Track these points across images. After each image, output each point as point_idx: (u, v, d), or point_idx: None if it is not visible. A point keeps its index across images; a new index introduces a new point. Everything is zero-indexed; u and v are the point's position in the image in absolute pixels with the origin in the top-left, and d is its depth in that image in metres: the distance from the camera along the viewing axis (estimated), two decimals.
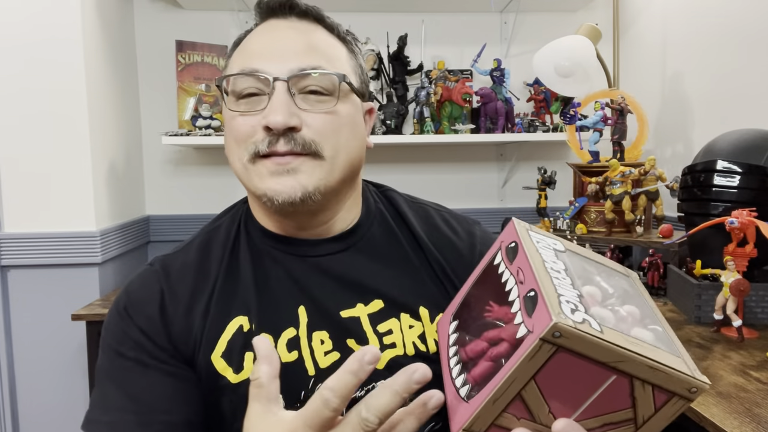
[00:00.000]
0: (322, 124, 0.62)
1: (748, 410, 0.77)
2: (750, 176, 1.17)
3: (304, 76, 0.61)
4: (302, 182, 0.61)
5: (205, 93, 2.00)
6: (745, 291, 1.06)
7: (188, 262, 0.68)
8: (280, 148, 0.60)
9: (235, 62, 0.65)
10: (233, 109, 0.62)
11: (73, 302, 1.64)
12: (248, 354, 0.63)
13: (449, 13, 2.15)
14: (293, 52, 0.62)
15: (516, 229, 0.49)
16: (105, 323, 0.66)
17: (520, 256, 0.44)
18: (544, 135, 1.98)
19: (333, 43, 0.66)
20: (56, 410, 1.71)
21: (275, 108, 0.59)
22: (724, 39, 1.60)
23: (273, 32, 0.64)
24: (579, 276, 0.45)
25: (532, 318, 0.38)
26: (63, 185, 1.64)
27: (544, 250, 0.46)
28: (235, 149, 0.63)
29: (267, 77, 0.60)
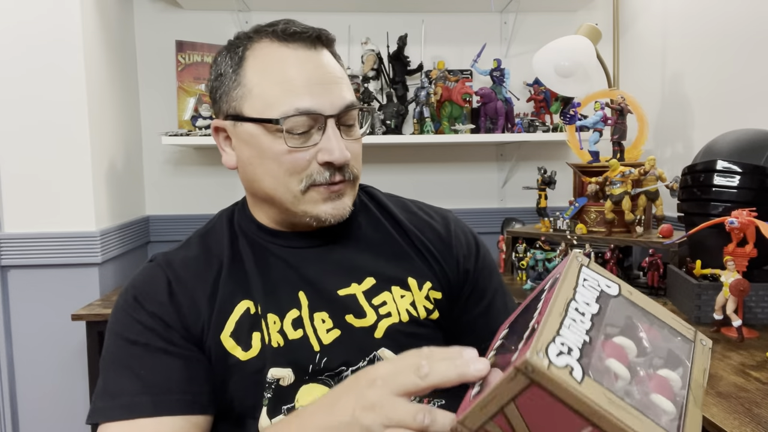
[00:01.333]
0: (356, 152, 0.72)
1: (748, 410, 0.77)
2: (750, 176, 1.17)
3: (347, 112, 0.69)
4: (347, 203, 0.71)
5: (205, 93, 2.00)
6: (745, 291, 1.06)
7: (190, 256, 0.74)
8: (337, 179, 0.69)
9: (272, 92, 0.67)
10: (291, 145, 0.67)
11: (73, 302, 1.64)
12: (255, 334, 0.68)
13: (449, 13, 2.15)
14: (334, 87, 0.68)
15: (567, 262, 0.48)
16: (112, 314, 0.69)
17: (553, 289, 0.45)
18: (544, 135, 1.98)
19: (342, 69, 0.73)
20: (56, 410, 1.71)
21: (336, 146, 0.67)
22: (724, 39, 1.60)
23: (308, 65, 0.68)
24: (614, 325, 0.45)
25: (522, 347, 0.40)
26: (63, 185, 1.64)
27: (587, 289, 0.46)
28: (285, 179, 0.68)
29: (321, 115, 0.67)
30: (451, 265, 0.77)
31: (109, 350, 0.67)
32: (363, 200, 0.82)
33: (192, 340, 0.67)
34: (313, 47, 0.69)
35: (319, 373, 0.68)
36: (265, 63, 0.68)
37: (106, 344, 0.68)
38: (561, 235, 1.66)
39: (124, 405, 0.62)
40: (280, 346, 0.68)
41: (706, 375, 0.47)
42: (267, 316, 0.69)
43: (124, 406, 0.62)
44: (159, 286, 0.69)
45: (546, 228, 1.74)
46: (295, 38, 0.68)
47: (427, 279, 0.75)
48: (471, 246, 0.80)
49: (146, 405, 0.62)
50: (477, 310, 0.78)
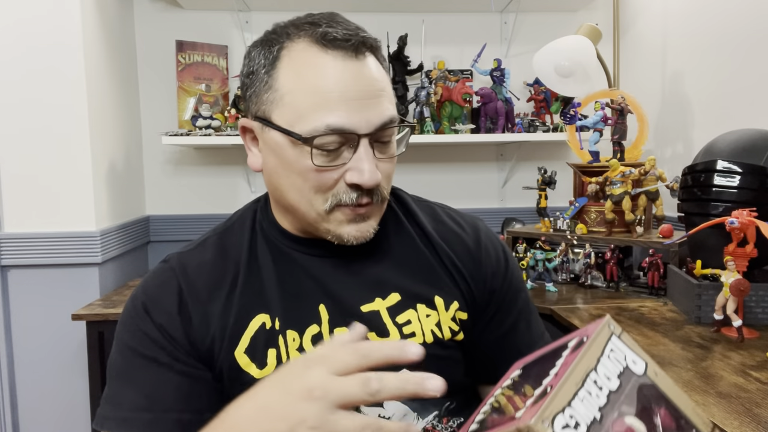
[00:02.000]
0: (388, 171, 0.67)
1: (748, 410, 0.77)
2: (750, 176, 1.17)
3: (383, 129, 0.63)
4: (372, 225, 0.67)
5: (205, 93, 2.01)
6: (745, 291, 1.06)
7: (205, 260, 0.69)
8: (365, 201, 0.64)
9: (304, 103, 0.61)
10: (317, 163, 0.62)
11: (73, 302, 1.64)
12: (271, 350, 0.65)
13: (449, 13, 2.15)
14: (372, 102, 0.62)
15: (597, 329, 0.45)
16: (121, 320, 0.67)
17: (576, 353, 0.42)
18: (544, 135, 1.98)
19: (386, 77, 0.67)
20: (56, 410, 1.71)
21: (367, 168, 0.61)
22: (724, 39, 1.60)
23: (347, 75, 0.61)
24: (630, 404, 0.43)
25: (531, 407, 0.38)
26: (63, 185, 1.64)
27: (611, 362, 0.43)
28: (309, 195, 0.64)
29: (355, 133, 0.61)
30: (479, 284, 0.73)
31: (115, 356, 0.66)
32: (392, 206, 0.77)
33: (197, 356, 0.65)
34: (355, 56, 0.62)
35: None
36: (299, 68, 0.62)
37: (113, 348, 0.67)
38: (561, 235, 1.66)
39: (124, 418, 0.62)
40: None
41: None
42: (287, 332, 0.66)
43: (124, 420, 0.62)
44: (169, 295, 0.66)
45: (546, 228, 1.74)
46: (336, 45, 0.61)
47: (454, 298, 0.71)
48: (500, 262, 0.76)
49: (143, 421, 0.61)
50: (498, 332, 0.74)
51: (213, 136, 1.86)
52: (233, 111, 1.95)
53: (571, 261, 1.63)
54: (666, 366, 0.95)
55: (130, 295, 0.69)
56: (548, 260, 1.63)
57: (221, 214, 2.06)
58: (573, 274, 1.64)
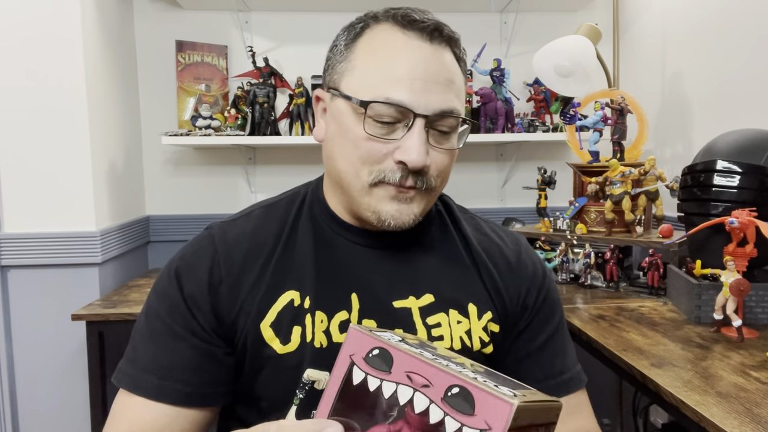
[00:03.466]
0: (443, 163, 0.67)
1: (748, 410, 0.77)
2: (750, 176, 1.17)
3: (442, 116, 0.63)
4: (415, 211, 0.66)
5: (205, 93, 2.01)
6: (745, 291, 1.06)
7: (245, 231, 0.70)
8: (409, 183, 0.64)
9: (371, 74, 0.64)
10: (369, 131, 0.63)
11: (73, 302, 1.64)
12: (296, 328, 0.65)
13: (449, 13, 2.15)
14: (435, 86, 0.63)
15: (367, 334, 0.44)
16: (155, 282, 0.70)
17: (401, 358, 0.41)
18: (544, 135, 1.98)
19: (459, 74, 0.68)
20: (56, 410, 1.71)
21: (416, 147, 0.62)
22: (724, 39, 1.60)
23: (417, 56, 0.63)
24: (447, 360, 0.43)
25: (476, 414, 0.35)
26: (63, 185, 1.64)
27: (403, 344, 0.43)
28: (357, 165, 0.64)
29: (411, 111, 0.62)
30: (513, 298, 0.73)
31: (141, 314, 0.69)
32: (439, 209, 0.78)
33: (218, 329, 0.66)
34: (429, 40, 0.64)
35: None
36: (376, 44, 0.65)
37: (144, 304, 0.70)
38: (561, 235, 1.66)
39: (133, 376, 0.65)
40: (322, 347, 0.65)
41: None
42: (315, 312, 0.66)
43: (132, 377, 0.65)
44: (203, 263, 0.67)
45: (546, 228, 1.74)
46: (414, 26, 0.64)
47: (488, 308, 0.71)
48: (537, 278, 0.75)
49: (148, 385, 0.63)
50: (524, 351, 0.73)
51: (213, 136, 1.86)
52: (233, 111, 1.95)
53: (570, 261, 1.63)
54: (666, 366, 0.95)
55: (171, 258, 0.71)
56: (548, 260, 1.63)
57: (221, 214, 2.06)
58: (573, 274, 1.64)
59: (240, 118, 1.95)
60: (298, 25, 2.08)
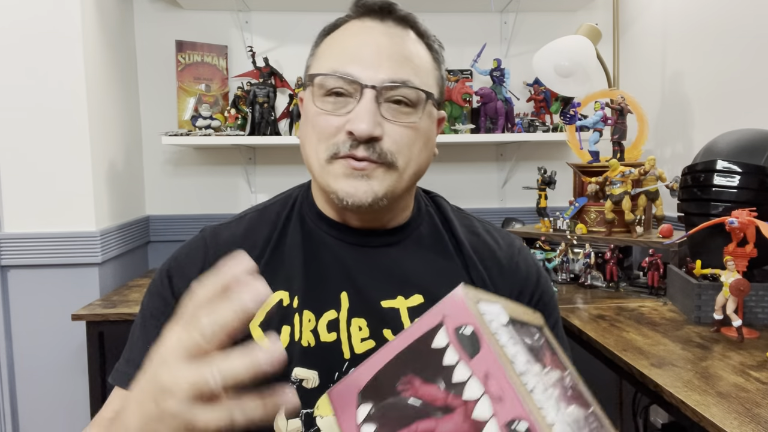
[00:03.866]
0: (401, 137, 0.65)
1: (748, 410, 0.77)
2: (750, 176, 1.17)
3: (393, 88, 0.63)
4: (374, 188, 0.64)
5: (205, 93, 2.01)
6: (745, 291, 1.06)
7: (237, 234, 0.72)
8: (360, 153, 0.63)
9: (326, 57, 0.67)
10: (319, 106, 0.65)
11: (73, 302, 1.64)
12: (285, 327, 0.66)
13: (449, 13, 2.15)
14: (387, 61, 0.64)
15: (467, 304, 0.38)
16: (153, 279, 0.72)
17: (486, 354, 0.36)
18: (544, 135, 1.98)
19: (422, 53, 0.68)
20: (56, 410, 1.71)
21: (361, 116, 0.62)
22: (725, 39, 1.60)
23: (368, 35, 0.66)
24: (538, 373, 0.39)
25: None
26: (63, 185, 1.64)
27: (502, 336, 0.38)
28: (315, 144, 0.66)
29: (358, 82, 0.63)
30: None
31: (140, 311, 0.71)
32: (429, 210, 0.78)
33: None
34: (380, 20, 0.67)
35: None
36: (338, 35, 0.69)
37: (142, 302, 0.72)
38: (561, 235, 1.66)
39: (127, 373, 0.66)
40: (310, 346, 0.65)
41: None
42: (303, 312, 0.66)
43: (127, 374, 0.66)
44: (194, 263, 0.69)
45: (546, 228, 1.74)
46: (366, 11, 0.68)
47: None
48: (530, 281, 0.74)
49: (130, 377, 0.64)
50: None
51: (213, 136, 1.86)
52: (233, 111, 1.95)
53: (570, 261, 1.63)
54: (666, 366, 0.95)
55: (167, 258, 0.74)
56: (548, 260, 1.63)
57: (221, 214, 2.06)
58: (573, 274, 1.64)
59: (240, 118, 1.95)
60: (298, 25, 2.08)
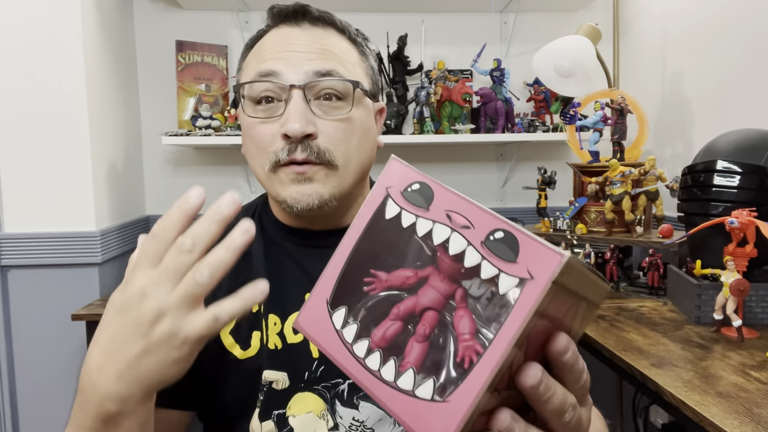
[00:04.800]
0: (335, 132, 0.65)
1: (748, 410, 0.77)
2: (750, 176, 1.17)
3: (319, 82, 0.63)
4: (318, 190, 0.64)
5: (205, 93, 2.01)
6: (745, 291, 1.06)
7: None
8: (298, 156, 0.63)
9: (251, 67, 0.67)
10: (251, 115, 0.65)
11: (73, 302, 1.64)
12: (255, 333, 0.67)
13: (449, 13, 2.15)
14: (308, 58, 0.64)
15: (409, 166, 0.38)
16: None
17: (443, 196, 0.36)
18: (544, 135, 1.98)
19: (345, 47, 0.69)
20: (56, 410, 1.71)
21: (292, 116, 0.62)
22: (725, 38, 1.60)
23: (287, 38, 0.66)
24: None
25: (518, 262, 0.31)
26: (63, 185, 1.64)
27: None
28: (257, 156, 0.66)
29: (284, 84, 0.63)
30: None
31: None
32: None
33: None
34: (296, 23, 0.67)
35: (314, 382, 0.66)
36: (258, 45, 0.69)
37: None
38: (561, 235, 1.66)
39: None
40: (277, 348, 0.66)
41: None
42: (268, 316, 0.67)
43: None
44: None
45: (546, 228, 1.74)
46: (281, 17, 0.68)
47: None
48: None
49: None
50: None
51: (213, 136, 1.86)
52: (233, 111, 1.95)
53: None
54: (666, 366, 0.95)
55: None
56: None
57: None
58: None
59: None
60: None
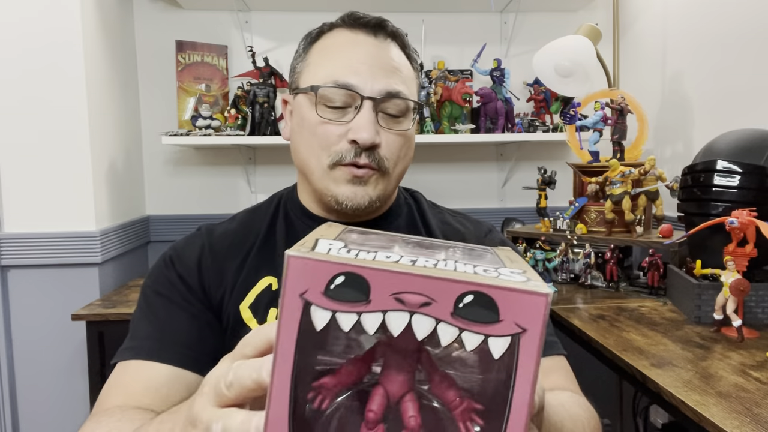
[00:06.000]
0: (395, 145, 0.72)
1: (748, 410, 0.77)
2: (750, 176, 1.17)
3: (388, 99, 0.69)
4: (369, 193, 0.71)
5: (205, 93, 2.01)
6: (745, 291, 1.06)
7: (230, 230, 0.79)
8: (362, 160, 0.69)
9: (323, 66, 0.71)
10: (321, 115, 0.69)
11: (73, 302, 1.64)
12: (273, 309, 0.71)
13: (449, 13, 2.15)
14: (381, 73, 0.70)
15: (319, 259, 0.31)
16: (149, 271, 0.77)
17: (380, 279, 0.29)
18: (544, 135, 1.98)
19: (406, 65, 0.75)
20: (56, 410, 1.71)
21: (364, 125, 0.68)
22: (725, 39, 1.60)
23: (363, 48, 0.71)
24: (444, 256, 0.35)
25: (502, 320, 0.29)
26: (63, 185, 1.64)
27: (381, 256, 0.32)
28: (317, 151, 0.71)
29: (361, 94, 0.68)
30: None
31: (138, 301, 0.74)
32: (408, 203, 0.84)
33: (209, 306, 0.72)
34: (374, 34, 0.72)
35: None
36: (328, 43, 0.73)
37: (139, 297, 0.75)
38: (561, 235, 1.66)
39: (135, 347, 0.68)
40: None
41: None
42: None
43: (134, 348, 0.68)
44: (192, 252, 0.75)
45: (546, 228, 1.74)
46: (360, 24, 0.72)
47: None
48: None
49: (150, 349, 0.67)
50: None
51: (213, 136, 1.86)
52: (233, 111, 1.95)
53: (570, 261, 1.63)
54: (666, 366, 0.95)
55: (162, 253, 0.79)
56: (548, 260, 1.63)
57: (221, 214, 2.06)
58: (573, 274, 1.64)
59: (240, 118, 1.95)
60: (298, 25, 2.07)
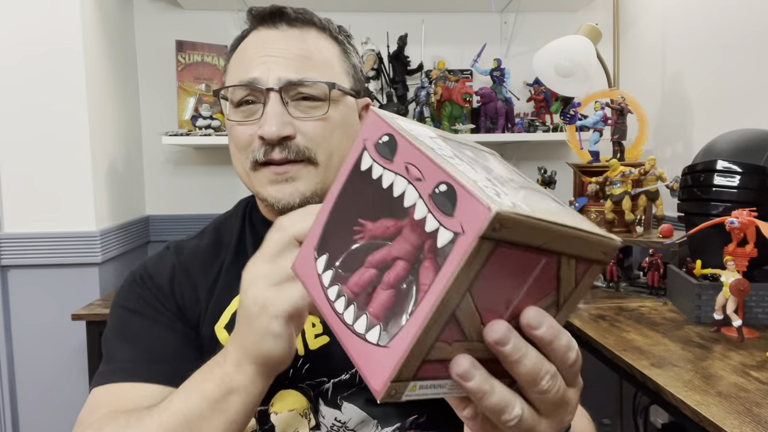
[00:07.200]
0: (314, 131, 0.65)
1: (748, 410, 0.77)
2: (750, 176, 1.17)
3: (294, 86, 0.64)
4: (300, 189, 0.65)
5: (205, 93, 2.01)
6: (745, 291, 1.06)
7: (200, 246, 0.74)
8: (276, 156, 0.64)
9: (232, 72, 0.69)
10: (231, 118, 0.67)
11: (73, 302, 1.64)
12: None
13: (449, 13, 2.15)
14: (284, 62, 0.65)
15: (383, 118, 0.38)
16: (118, 291, 0.72)
17: (404, 148, 0.35)
18: (544, 135, 1.98)
19: (324, 47, 0.69)
20: (56, 410, 1.71)
21: (269, 119, 0.63)
22: (725, 39, 1.60)
23: (265, 42, 0.67)
24: (468, 159, 0.38)
25: (455, 216, 0.30)
26: (63, 185, 1.64)
27: (424, 137, 0.37)
28: (238, 156, 0.68)
29: (261, 88, 0.64)
30: None
31: (111, 322, 0.69)
32: None
33: (187, 323, 0.68)
34: (274, 25, 0.68)
35: (299, 379, 0.66)
36: (239, 48, 0.70)
37: (109, 318, 0.70)
38: None
39: (115, 369, 0.64)
40: None
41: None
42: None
43: (114, 371, 0.64)
44: (164, 271, 0.70)
45: None
46: (260, 19, 0.69)
47: None
48: None
49: (132, 370, 0.63)
50: None
51: (213, 136, 1.86)
52: None
53: None
54: (666, 366, 0.95)
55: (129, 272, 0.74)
56: None
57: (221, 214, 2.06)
58: None
59: None
60: None
